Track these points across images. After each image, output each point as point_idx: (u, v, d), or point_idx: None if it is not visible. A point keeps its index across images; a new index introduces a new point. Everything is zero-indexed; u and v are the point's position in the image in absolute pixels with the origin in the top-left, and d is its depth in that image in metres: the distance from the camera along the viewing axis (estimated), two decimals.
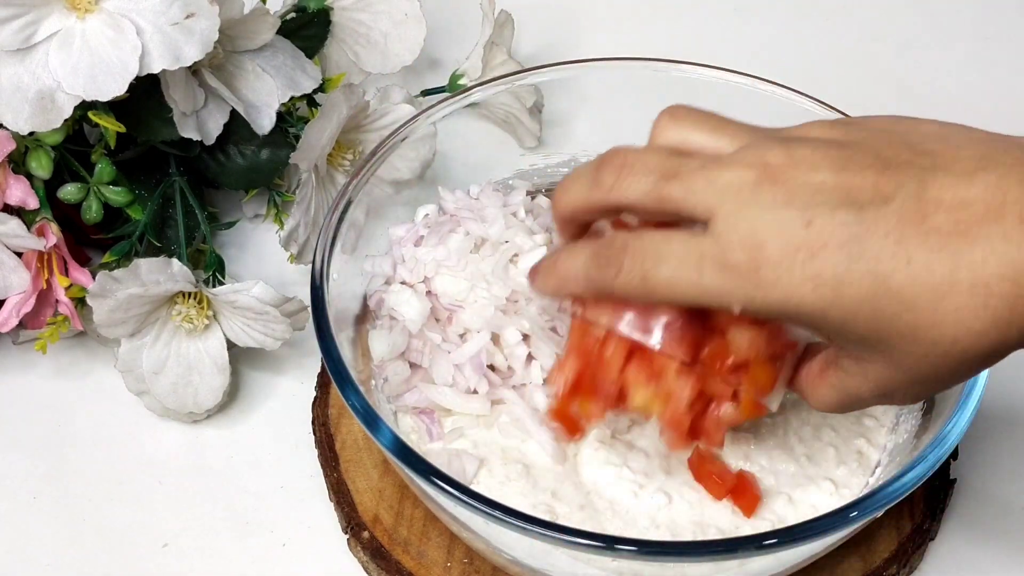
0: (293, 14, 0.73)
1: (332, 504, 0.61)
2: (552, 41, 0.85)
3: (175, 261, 0.60)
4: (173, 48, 0.59)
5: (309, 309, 0.57)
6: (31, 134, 0.61)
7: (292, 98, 0.68)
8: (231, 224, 0.72)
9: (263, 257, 0.72)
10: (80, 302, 0.63)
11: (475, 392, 0.59)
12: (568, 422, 0.53)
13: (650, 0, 0.90)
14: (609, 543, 0.48)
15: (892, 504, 0.49)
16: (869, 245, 0.40)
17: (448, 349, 0.60)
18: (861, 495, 0.53)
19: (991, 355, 0.41)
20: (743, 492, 0.55)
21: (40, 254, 0.63)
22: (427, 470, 0.50)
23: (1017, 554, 0.61)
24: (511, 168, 0.71)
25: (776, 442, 0.57)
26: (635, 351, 0.49)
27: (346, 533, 0.60)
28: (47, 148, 0.62)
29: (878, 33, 0.90)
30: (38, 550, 0.61)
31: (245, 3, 0.65)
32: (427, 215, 0.65)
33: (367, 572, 0.59)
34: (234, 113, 0.66)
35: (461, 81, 0.75)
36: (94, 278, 0.60)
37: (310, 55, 0.71)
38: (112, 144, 0.63)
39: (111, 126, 0.62)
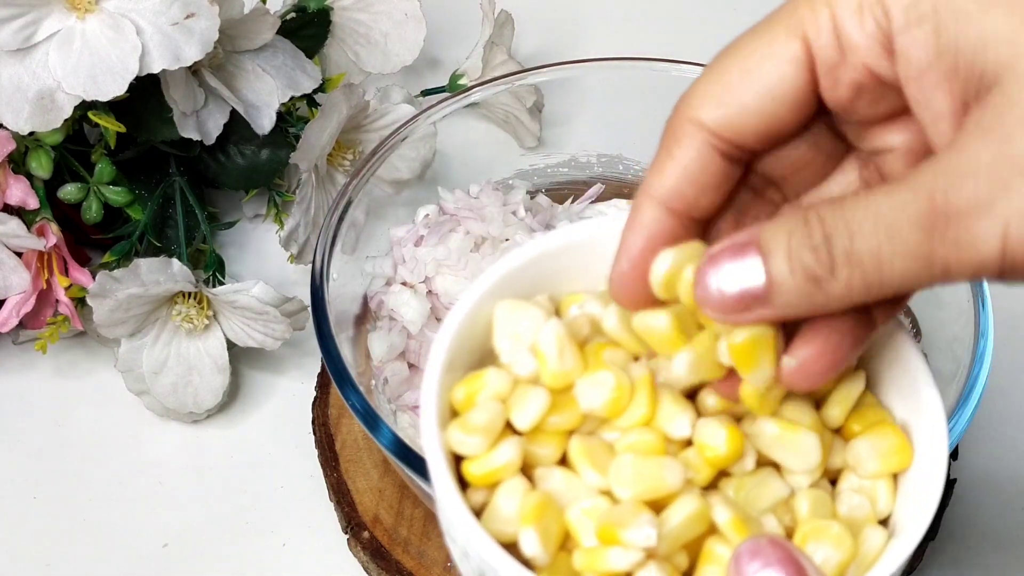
0: (293, 14, 0.73)
1: (332, 504, 0.61)
2: (552, 41, 0.85)
3: (175, 261, 0.60)
4: (173, 48, 0.59)
5: (309, 309, 0.57)
6: (31, 134, 0.61)
7: (292, 98, 0.68)
8: (231, 224, 0.72)
9: (263, 257, 0.72)
10: (80, 302, 0.63)
11: None
12: None
13: (650, 0, 0.89)
14: None
15: None
16: None
17: None
18: None
19: None
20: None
21: (40, 254, 0.63)
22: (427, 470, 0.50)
23: (1017, 554, 0.61)
24: (511, 168, 0.71)
25: None
26: None
27: (346, 533, 0.60)
28: (47, 148, 0.62)
29: None
30: (38, 550, 0.61)
31: (245, 3, 0.65)
32: (427, 215, 0.65)
33: (367, 572, 0.59)
34: (234, 113, 0.66)
35: (461, 81, 0.75)
36: (94, 278, 0.60)
37: (310, 55, 0.71)
38: (112, 144, 0.63)
39: (111, 126, 0.62)
